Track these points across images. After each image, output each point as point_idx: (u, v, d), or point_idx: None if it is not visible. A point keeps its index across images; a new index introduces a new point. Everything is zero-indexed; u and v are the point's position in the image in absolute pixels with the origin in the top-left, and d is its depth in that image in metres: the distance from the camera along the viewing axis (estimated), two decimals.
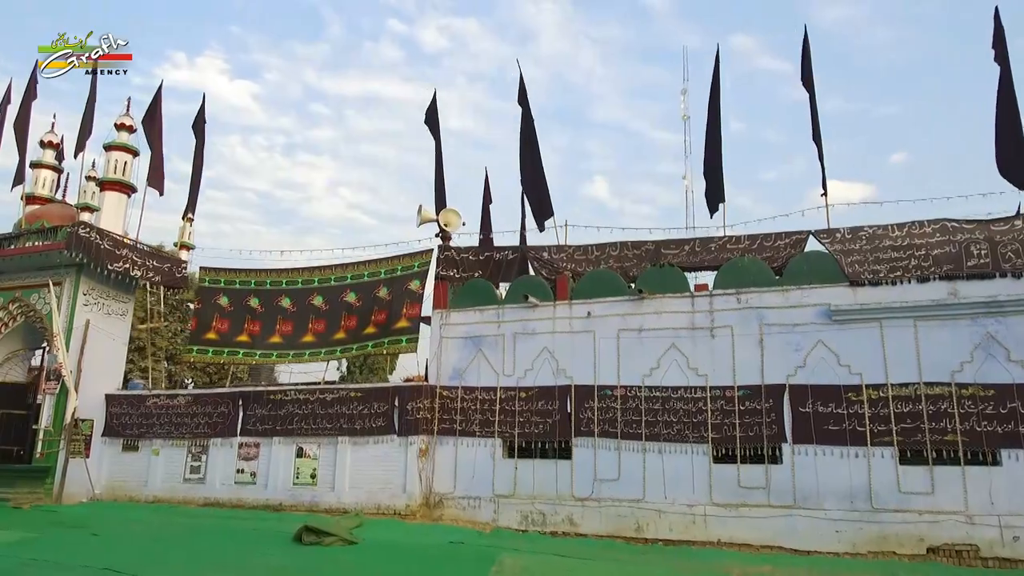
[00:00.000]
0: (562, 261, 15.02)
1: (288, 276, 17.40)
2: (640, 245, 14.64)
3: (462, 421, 14.59)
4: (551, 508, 13.55)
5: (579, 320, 14.26)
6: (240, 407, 16.11)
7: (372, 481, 14.77)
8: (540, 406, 14.09)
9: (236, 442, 16.00)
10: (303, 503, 15.07)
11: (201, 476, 16.12)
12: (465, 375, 14.85)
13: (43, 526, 13.21)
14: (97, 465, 16.72)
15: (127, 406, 17.07)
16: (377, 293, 16.46)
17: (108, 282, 17.54)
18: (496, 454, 14.24)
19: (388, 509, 14.39)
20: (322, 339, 16.75)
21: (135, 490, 16.49)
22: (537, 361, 14.37)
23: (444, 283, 15.57)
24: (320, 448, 15.37)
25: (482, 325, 15.01)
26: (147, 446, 16.78)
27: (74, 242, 16.10)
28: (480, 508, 14.05)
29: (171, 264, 18.61)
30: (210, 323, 17.60)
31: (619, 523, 13.04)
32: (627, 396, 13.54)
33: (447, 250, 15.82)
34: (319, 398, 15.54)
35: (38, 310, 17.33)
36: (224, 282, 17.79)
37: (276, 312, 17.28)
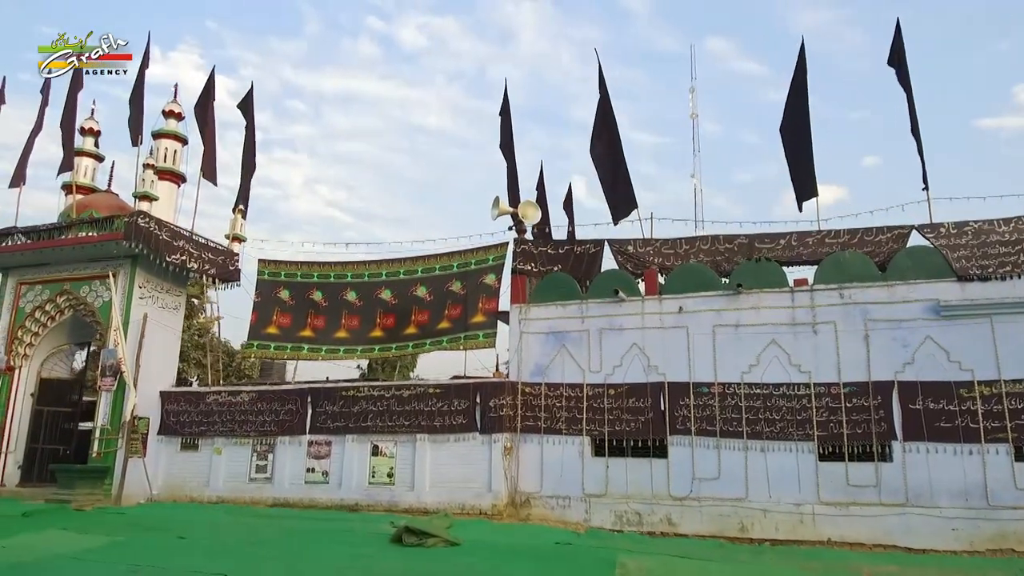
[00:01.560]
0: (648, 255, 14.68)
1: (354, 269, 16.88)
2: (733, 239, 14.34)
3: (547, 419, 14.20)
4: (647, 508, 13.21)
5: (670, 315, 13.92)
6: (309, 404, 15.57)
7: (454, 480, 14.34)
8: (631, 403, 13.74)
9: (305, 440, 15.47)
10: (381, 503, 14.59)
11: (268, 475, 15.57)
12: (548, 371, 14.47)
13: (122, 529, 12.62)
14: (153, 465, 16.08)
15: (185, 403, 16.45)
16: (449, 287, 16.01)
17: (163, 274, 16.89)
18: (585, 452, 13.87)
19: (473, 509, 13.96)
20: (391, 334, 16.26)
21: (196, 490, 15.88)
22: (626, 357, 14.03)
23: (522, 277, 15.14)
24: (397, 446, 14.90)
25: (565, 320, 14.63)
26: (207, 445, 16.17)
27: (133, 232, 15.41)
28: (570, 508, 13.68)
29: (224, 257, 17.96)
30: (271, 317, 17.04)
31: (721, 523, 12.74)
32: (725, 393, 13.22)
33: (524, 243, 15.38)
34: (395, 394, 15.06)
35: (89, 303, 16.65)
36: (285, 275, 17.22)
37: (341, 306, 16.75)
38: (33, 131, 18.17)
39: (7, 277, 17.63)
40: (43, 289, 17.19)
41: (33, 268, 17.36)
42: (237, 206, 18.73)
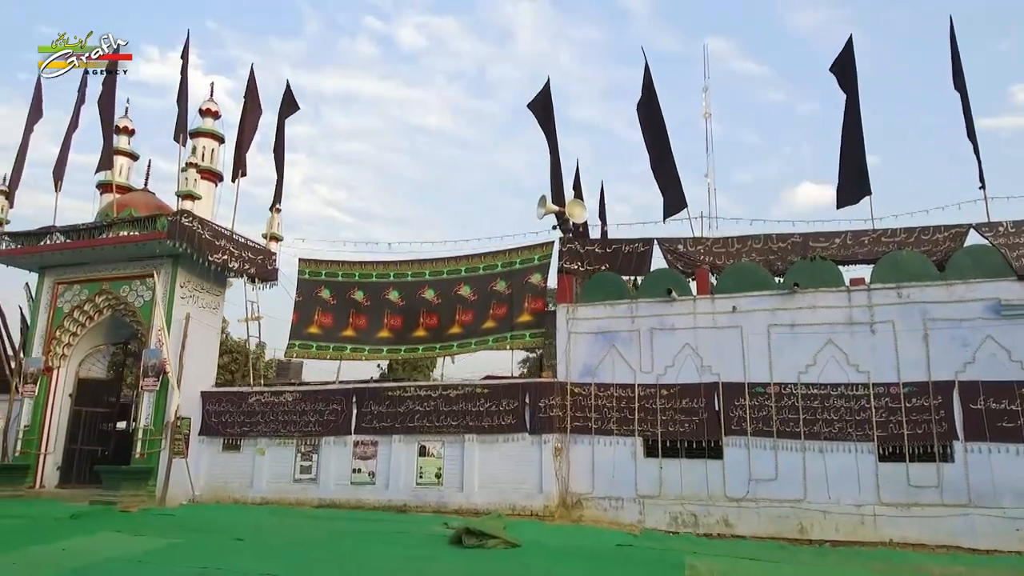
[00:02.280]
0: (699, 254, 14.59)
1: (396, 269, 16.77)
2: (786, 238, 14.26)
3: (597, 419, 14.11)
4: (703, 509, 13.12)
5: (724, 315, 13.83)
6: (354, 404, 15.48)
7: (504, 481, 14.28)
8: (684, 404, 13.65)
9: (351, 440, 15.39)
10: (429, 504, 14.51)
11: (313, 476, 15.48)
12: (598, 371, 14.38)
13: (174, 531, 12.50)
14: (195, 466, 15.98)
15: (227, 404, 16.35)
16: (494, 287, 15.92)
17: (203, 274, 16.83)
18: (637, 453, 13.79)
19: (524, 510, 13.88)
20: (435, 334, 16.17)
21: (239, 491, 15.79)
22: (678, 357, 13.94)
23: (569, 276, 15.04)
24: (444, 446, 14.82)
25: (614, 320, 14.53)
26: (250, 445, 16.09)
27: (177, 231, 15.31)
28: (623, 509, 13.59)
29: (263, 256, 17.87)
30: (312, 317, 16.95)
31: (780, 524, 12.65)
32: (782, 394, 13.13)
33: (570, 242, 15.28)
34: (442, 394, 14.97)
35: (130, 303, 16.57)
36: (325, 274, 17.12)
37: (384, 306, 16.66)
38: (69, 129, 18.09)
39: (43, 277, 17.56)
40: (81, 289, 17.11)
41: (70, 267, 17.29)
42: (274, 205, 18.62)
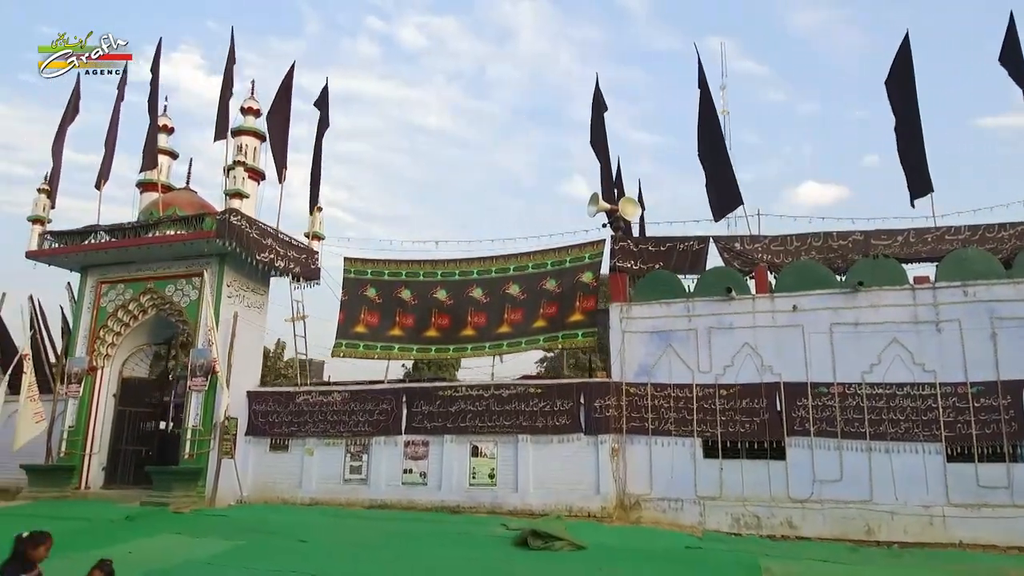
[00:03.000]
0: (756, 252, 14.46)
1: (444, 267, 16.66)
2: (847, 235, 14.12)
3: (654, 420, 13.98)
4: (766, 510, 12.99)
5: (784, 314, 13.70)
6: (404, 404, 15.38)
7: (559, 482, 14.18)
8: (744, 404, 13.51)
9: (401, 440, 15.30)
10: (483, 505, 14.41)
11: (363, 477, 15.39)
12: (654, 371, 14.25)
13: (233, 533, 12.42)
14: (242, 466, 15.89)
15: (274, 403, 16.27)
16: (544, 285, 15.80)
17: (249, 273, 16.75)
18: (696, 454, 13.65)
19: (581, 511, 13.78)
20: (484, 333, 16.06)
21: (288, 492, 15.71)
22: (737, 357, 13.81)
23: (622, 275, 14.89)
24: (497, 447, 14.73)
25: (670, 319, 14.41)
26: (298, 445, 16.01)
27: (227, 230, 15.21)
28: (683, 510, 13.46)
29: (306, 255, 17.78)
30: (358, 316, 16.86)
31: (845, 525, 12.52)
32: (846, 394, 13.00)
33: (623, 240, 15.14)
34: (494, 394, 14.87)
35: (175, 302, 16.49)
36: (371, 273, 17.02)
37: (431, 304, 16.54)
38: (111, 127, 18.00)
39: (86, 276, 17.50)
40: (125, 288, 17.04)
41: (113, 267, 17.22)
42: (314, 205, 18.51)
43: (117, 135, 17.94)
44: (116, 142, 17.90)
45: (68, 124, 18.73)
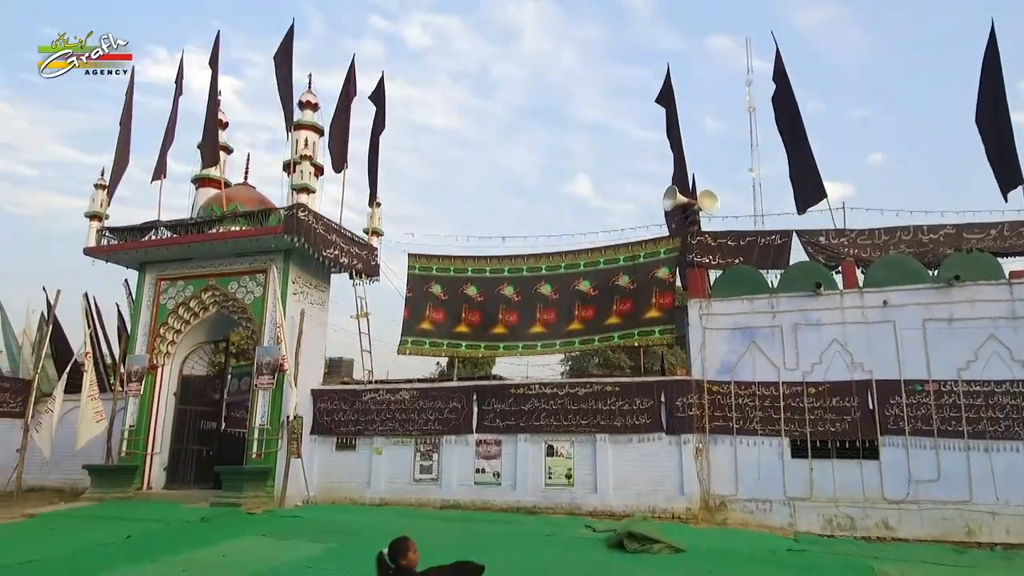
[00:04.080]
0: (843, 246, 14.17)
1: (511, 263, 16.42)
2: (937, 229, 13.83)
3: (739, 419, 13.72)
4: (860, 511, 12.72)
5: (874, 309, 13.41)
6: (475, 402, 15.15)
7: (641, 482, 13.96)
8: (834, 403, 13.24)
9: (472, 439, 15.09)
10: (561, 505, 14.18)
11: (434, 476, 15.17)
12: (737, 369, 13.98)
13: (317, 534, 12.22)
14: (308, 465, 15.64)
15: (340, 402, 16.07)
16: (616, 281, 15.55)
17: (312, 269, 16.57)
18: (784, 454, 13.37)
19: (665, 513, 13.54)
20: (554, 330, 15.83)
21: (356, 492, 15.52)
22: (826, 354, 13.53)
23: (701, 271, 14.61)
24: (574, 446, 14.50)
25: (753, 315, 14.15)
26: (365, 444, 15.82)
27: (294, 226, 14.99)
28: (771, 512, 13.20)
29: (367, 251, 17.56)
30: (424, 313, 16.64)
31: (944, 526, 12.25)
32: (941, 391, 12.71)
33: (700, 235, 14.85)
34: (569, 392, 14.64)
35: (239, 299, 16.29)
36: (436, 269, 16.80)
37: (498, 301, 16.32)
38: (170, 122, 17.84)
39: (144, 273, 17.34)
40: (186, 285, 16.86)
41: (173, 263, 17.08)
42: (373, 200, 18.30)
43: (175, 130, 17.78)
44: (174, 137, 17.72)
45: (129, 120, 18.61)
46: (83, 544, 11.43)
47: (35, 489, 17.44)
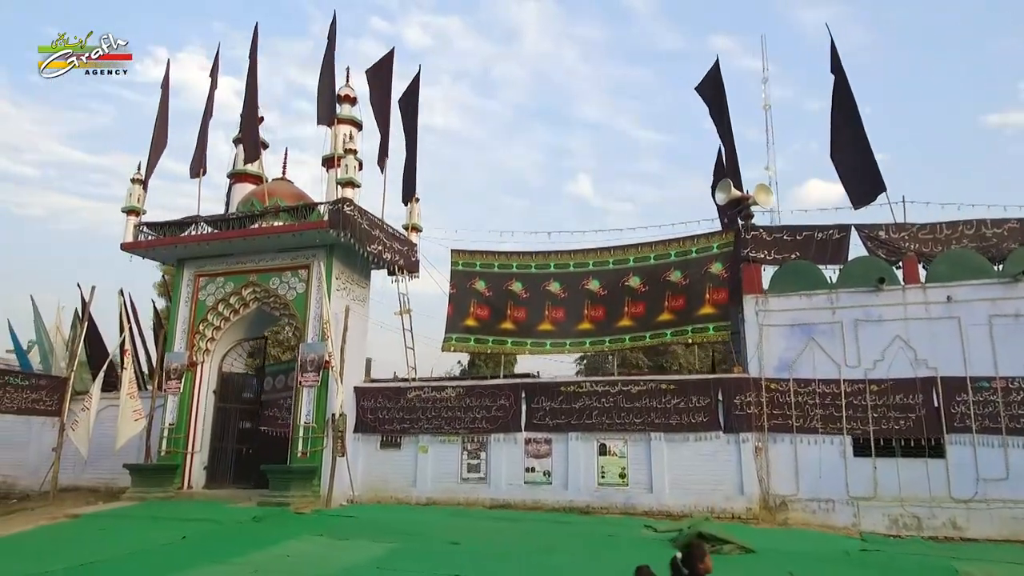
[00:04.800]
0: (903, 241, 13.97)
1: (557, 259, 16.22)
2: (1002, 223, 13.66)
3: (799, 417, 13.53)
4: (926, 511, 12.54)
5: (937, 305, 13.24)
6: (523, 399, 14.95)
7: (698, 481, 13.78)
8: (897, 400, 13.05)
9: (521, 438, 14.91)
10: (615, 505, 14.02)
11: (482, 475, 14.98)
12: (796, 366, 13.78)
13: (376, 534, 12.06)
14: (351, 464, 15.41)
15: (384, 399, 15.88)
16: (667, 277, 15.34)
17: (354, 265, 16.37)
18: (846, 452, 13.17)
19: (724, 513, 13.37)
20: (602, 327, 15.64)
21: (401, 491, 15.34)
22: (888, 351, 13.35)
23: (756, 266, 14.40)
24: (628, 445, 14.31)
25: (811, 312, 13.96)
26: (410, 443, 15.64)
27: (340, 220, 14.77)
28: (834, 511, 13.03)
29: (407, 247, 17.36)
30: (468, 310, 16.45)
31: (1016, 526, 12.17)
32: (1009, 388, 12.55)
33: (755, 230, 14.64)
34: (622, 390, 14.45)
35: (280, 295, 16.09)
36: (480, 265, 16.60)
37: (544, 297, 16.12)
38: (205, 117, 17.66)
39: (182, 269, 17.13)
40: (225, 281, 16.66)
41: (212, 259, 16.88)
42: (412, 195, 18.08)
43: (209, 125, 17.62)
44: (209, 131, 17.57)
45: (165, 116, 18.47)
46: (140, 545, 11.26)
47: (68, 489, 17.24)
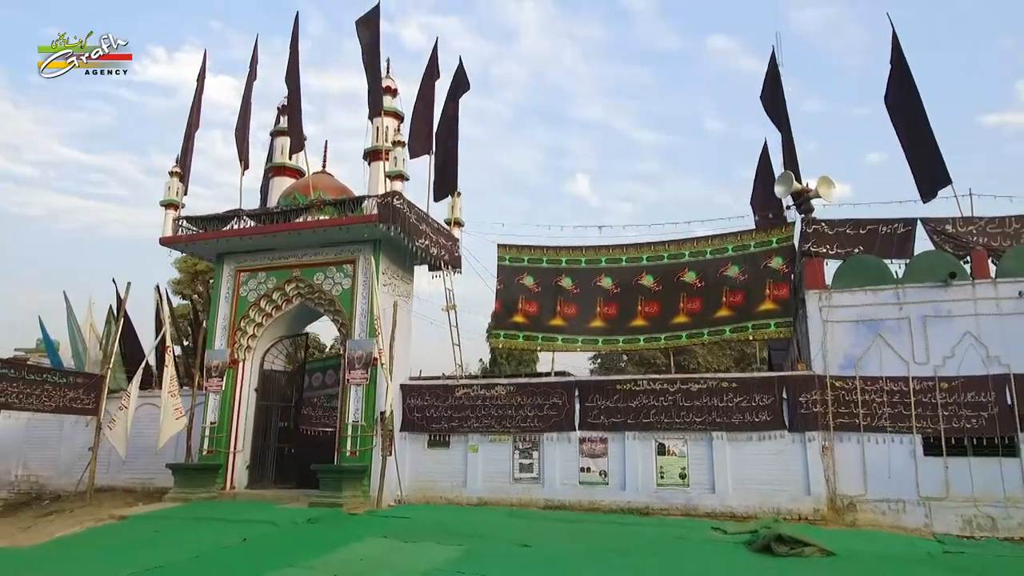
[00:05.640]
0: (971, 235, 13.72)
1: (608, 254, 15.96)
2: None
3: (866, 415, 13.28)
4: (1001, 511, 12.31)
5: (1009, 301, 13.00)
6: (577, 398, 14.70)
7: (763, 482, 13.54)
8: (969, 398, 12.82)
9: (575, 437, 14.66)
10: (675, 506, 13.78)
11: (535, 475, 14.74)
12: (862, 363, 13.52)
13: (441, 536, 11.75)
14: (399, 463, 15.14)
15: (431, 397, 15.61)
16: (724, 272, 15.09)
17: (399, 260, 16.10)
18: (916, 452, 12.91)
19: (791, 514, 13.13)
20: (657, 323, 15.39)
21: (451, 491, 15.08)
22: (959, 347, 13.10)
23: (818, 260, 14.14)
24: (687, 444, 14.06)
25: (877, 307, 13.71)
26: (459, 442, 15.37)
27: (391, 214, 14.49)
28: (905, 512, 12.79)
29: (451, 242, 17.08)
30: (516, 305, 16.19)
31: None
32: None
33: (816, 223, 14.38)
34: (681, 388, 14.20)
35: (325, 291, 15.80)
36: (528, 260, 16.34)
37: (595, 293, 15.87)
38: (244, 112, 17.38)
39: (222, 264, 16.85)
40: (267, 276, 16.40)
41: (252, 254, 16.62)
42: (455, 189, 17.80)
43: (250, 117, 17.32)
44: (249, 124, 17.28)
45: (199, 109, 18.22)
46: (200, 549, 11.00)
47: (103, 489, 16.99)
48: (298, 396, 17.47)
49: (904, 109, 14.64)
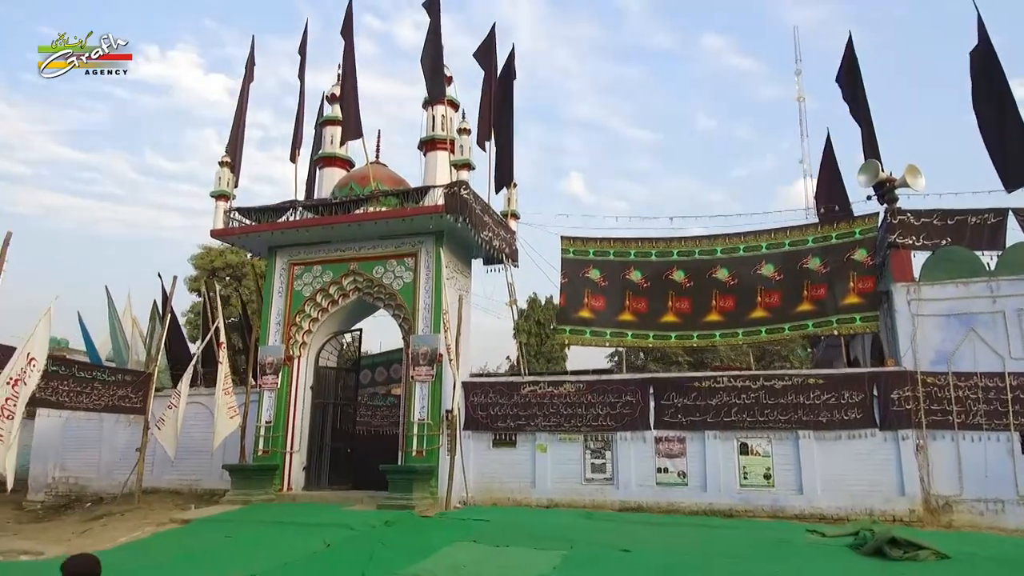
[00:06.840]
0: None
1: (680, 246, 15.54)
2: None
3: (960, 412, 12.91)
4: None
5: None
6: (651, 396, 14.30)
7: (853, 482, 13.18)
8: None
9: (651, 436, 14.26)
10: (761, 508, 13.39)
11: (608, 476, 14.35)
12: (955, 359, 13.13)
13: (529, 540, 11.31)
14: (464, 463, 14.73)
15: (495, 395, 15.21)
16: (805, 265, 14.68)
17: (460, 254, 15.67)
18: (1014, 450, 12.55)
19: (884, 515, 12.77)
20: (733, 318, 14.98)
21: (519, 492, 14.70)
22: None
23: (905, 252, 13.75)
24: (772, 444, 13.68)
25: (969, 300, 13.35)
26: (526, 441, 14.98)
27: (458, 204, 14.06)
28: (1004, 513, 12.46)
29: (510, 235, 16.68)
30: (581, 300, 15.79)
31: None
32: None
33: (902, 214, 13.97)
34: (764, 385, 13.81)
35: (386, 285, 15.39)
36: (594, 253, 15.91)
37: (666, 287, 15.44)
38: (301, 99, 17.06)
39: (275, 257, 16.44)
40: (323, 270, 15.97)
41: (306, 247, 16.17)
42: (511, 181, 17.39)
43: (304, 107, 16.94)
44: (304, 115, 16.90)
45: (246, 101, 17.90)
46: (283, 554, 10.59)
47: (148, 491, 16.55)
48: (351, 394, 17.04)
49: (991, 95, 14.24)
